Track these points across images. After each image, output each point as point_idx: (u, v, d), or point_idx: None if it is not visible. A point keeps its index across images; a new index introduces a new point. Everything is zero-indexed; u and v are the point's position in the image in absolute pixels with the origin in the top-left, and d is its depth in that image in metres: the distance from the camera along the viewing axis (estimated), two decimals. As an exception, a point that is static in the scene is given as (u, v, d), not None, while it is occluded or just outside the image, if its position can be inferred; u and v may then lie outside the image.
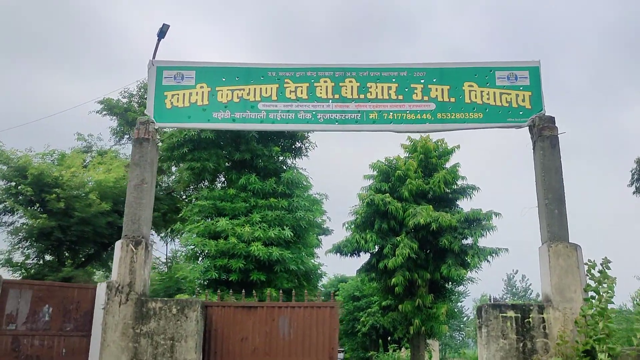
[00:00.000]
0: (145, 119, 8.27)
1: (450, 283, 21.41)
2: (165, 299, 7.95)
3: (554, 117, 8.01)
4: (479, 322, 7.93)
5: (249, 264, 17.26)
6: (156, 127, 8.32)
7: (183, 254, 20.32)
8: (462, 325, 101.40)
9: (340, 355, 48.80)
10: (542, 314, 7.55)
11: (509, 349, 7.46)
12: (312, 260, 23.91)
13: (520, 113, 8.08)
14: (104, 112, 22.92)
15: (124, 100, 23.10)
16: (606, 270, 7.60)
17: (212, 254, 17.70)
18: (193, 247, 18.39)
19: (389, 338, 33.52)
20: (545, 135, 7.89)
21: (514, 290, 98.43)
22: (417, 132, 8.10)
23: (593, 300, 7.55)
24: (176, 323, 7.69)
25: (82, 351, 7.72)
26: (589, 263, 7.72)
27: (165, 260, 32.28)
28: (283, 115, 8.14)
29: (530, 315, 7.55)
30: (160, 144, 22.35)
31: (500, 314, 7.59)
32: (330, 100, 8.18)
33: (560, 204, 7.84)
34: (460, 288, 38.11)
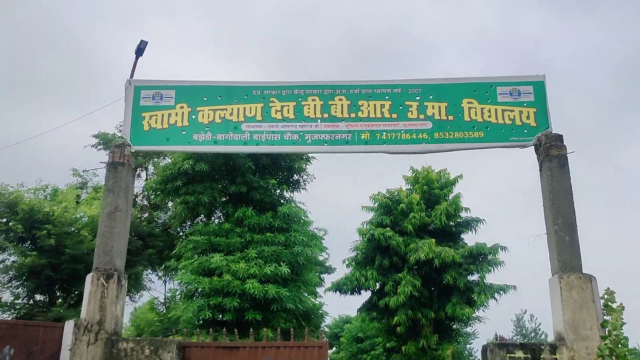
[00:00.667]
0: (120, 142, 7.70)
1: (456, 322, 20.49)
2: (138, 338, 7.22)
3: (561, 135, 7.38)
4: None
5: (244, 303, 16.45)
6: (132, 151, 7.74)
7: (179, 293, 19.51)
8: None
9: (346, 400, 47.23)
10: (555, 354, 6.78)
11: None
12: (313, 300, 23.11)
13: (525, 131, 7.45)
14: (99, 147, 22.46)
15: (119, 134, 22.68)
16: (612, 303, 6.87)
17: (205, 292, 16.92)
18: (187, 285, 17.65)
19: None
20: (552, 154, 7.24)
21: (523, 331, 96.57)
22: (413, 152, 7.44)
23: (610, 338, 6.80)
24: (149, 365, 6.95)
25: (46, 397, 6.96)
26: (606, 295, 6.99)
27: (163, 301, 31.40)
28: (268, 136, 7.55)
29: (542, 356, 6.78)
30: (145, 171, 21.93)
31: (508, 355, 6.81)
32: (319, 120, 7.60)
33: (571, 230, 7.14)
34: (468, 329, 36.92)
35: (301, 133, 7.55)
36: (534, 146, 7.55)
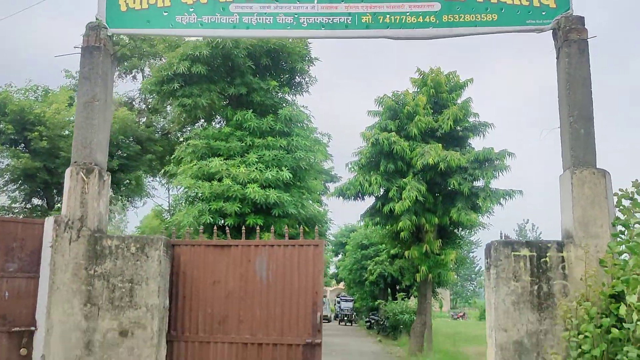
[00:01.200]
0: (95, 24, 7.01)
1: (460, 229, 20.32)
2: (123, 235, 6.86)
3: (583, 17, 6.62)
4: (487, 263, 6.79)
5: (245, 208, 16.24)
6: (109, 34, 7.06)
7: (180, 198, 19.31)
8: (473, 276, 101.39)
9: (350, 305, 48.63)
10: (562, 252, 6.39)
11: (522, 292, 6.34)
12: (317, 207, 22.93)
13: (543, 13, 6.69)
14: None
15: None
16: (638, 197, 6.41)
17: (206, 196, 16.68)
18: (187, 190, 17.41)
19: (397, 287, 32.83)
20: (572, 39, 6.53)
21: (525, 240, 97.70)
22: (419, 38, 6.70)
23: (622, 236, 6.39)
24: (135, 263, 6.64)
25: (29, 294, 6.71)
26: (619, 192, 6.51)
27: (168, 208, 31.47)
28: (259, 19, 6.82)
29: (548, 254, 6.40)
30: (141, 72, 21.01)
31: (513, 253, 6.44)
32: (316, 1, 6.84)
33: (587, 123, 6.56)
34: (472, 237, 37.05)
35: (296, 15, 6.82)
36: (551, 30, 6.81)
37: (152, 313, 6.52)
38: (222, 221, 16.32)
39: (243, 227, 7.30)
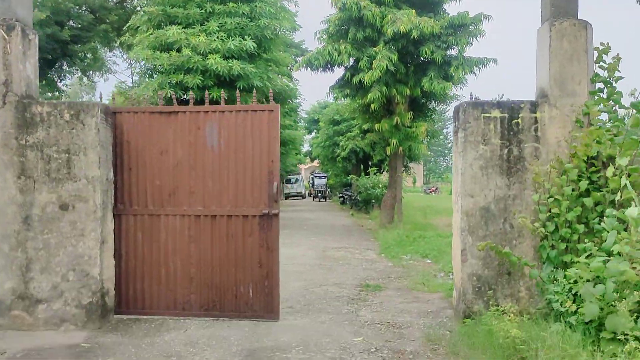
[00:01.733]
0: None
1: (432, 101, 19.84)
2: (55, 101, 6.17)
3: None
4: (455, 126, 6.32)
5: (207, 80, 15.42)
6: None
7: (137, 71, 18.30)
8: (446, 151, 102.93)
9: (323, 181, 49.10)
10: (535, 112, 5.92)
11: (491, 156, 5.93)
12: (287, 81, 22.07)
13: None
14: None
15: None
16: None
17: (165, 68, 15.76)
18: (145, 62, 16.39)
19: (370, 162, 32.83)
20: None
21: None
22: None
23: (602, 95, 5.91)
24: (71, 132, 6.02)
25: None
26: (600, 47, 5.94)
27: (131, 85, 30.25)
28: None
29: (520, 115, 5.93)
30: None
31: (482, 115, 5.95)
32: None
33: (571, -34, 5.85)
34: (444, 107, 36.65)
35: None
36: None
37: (93, 185, 6.00)
38: (184, 95, 15.55)
39: (206, 101, 6.61)
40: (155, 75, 16.40)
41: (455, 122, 6.27)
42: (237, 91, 6.95)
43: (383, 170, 31.87)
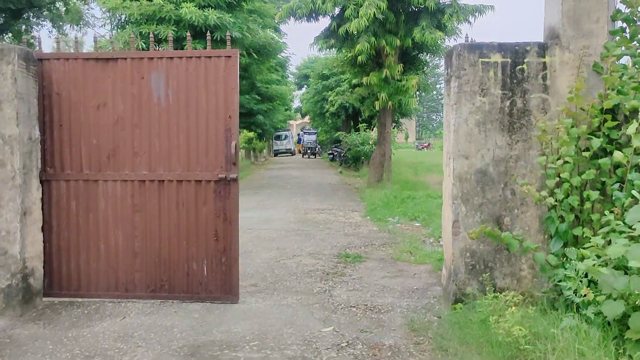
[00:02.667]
0: None
1: (423, 52, 18.68)
2: (-37, 44, 5.08)
3: None
4: (447, 74, 5.30)
5: (182, 31, 14.20)
6: None
7: (108, 22, 16.96)
8: (439, 107, 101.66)
9: (313, 138, 48.00)
10: (544, 57, 4.91)
11: (489, 110, 4.94)
12: (272, 35, 20.77)
13: None
14: None
15: None
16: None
17: (136, 19, 14.52)
18: (114, 12, 15.12)
19: (360, 118, 31.73)
20: None
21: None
22: None
23: (624, 35, 4.89)
24: (-17, 81, 4.97)
25: None
26: (624, -23, 4.91)
27: (111, 47, 28.71)
28: None
29: (526, 60, 4.91)
30: None
31: (481, 60, 4.93)
32: None
33: None
34: (437, 61, 35.34)
35: None
36: None
37: (11, 146, 4.98)
38: (158, 48, 14.34)
39: (151, 45, 5.55)
40: (127, 27, 15.12)
41: (448, 69, 5.25)
42: (188, 33, 5.83)
43: (373, 127, 30.80)
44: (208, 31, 11.26)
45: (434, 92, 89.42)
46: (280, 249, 8.18)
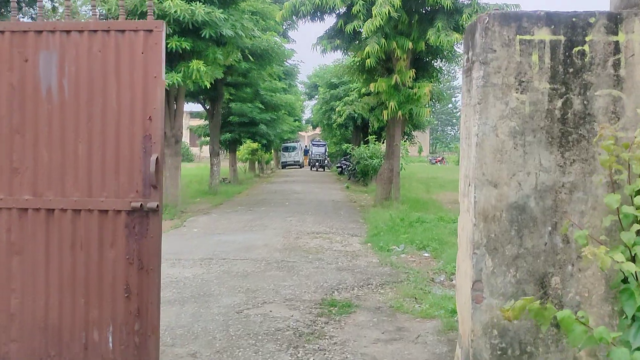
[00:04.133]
0: None
1: (438, 59, 17.03)
2: None
3: None
4: (467, 60, 3.59)
5: (166, 27, 12.64)
6: None
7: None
8: (454, 121, 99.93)
9: (322, 150, 46.37)
10: (616, 33, 3.20)
11: (531, 113, 3.24)
12: (276, 39, 19.23)
13: None
14: None
15: None
16: None
17: (112, 13, 13.01)
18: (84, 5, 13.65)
19: (369, 129, 30.02)
20: None
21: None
22: None
23: None
24: None
25: None
26: None
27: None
28: None
29: (588, 39, 3.22)
30: None
31: (518, 37, 3.25)
32: None
33: None
34: (452, 69, 33.47)
35: None
36: None
37: None
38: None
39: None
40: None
41: (468, 53, 3.55)
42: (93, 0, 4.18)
43: (383, 140, 29.10)
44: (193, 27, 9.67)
45: (450, 105, 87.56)
46: (251, 290, 6.47)
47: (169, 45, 12.61)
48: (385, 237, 10.27)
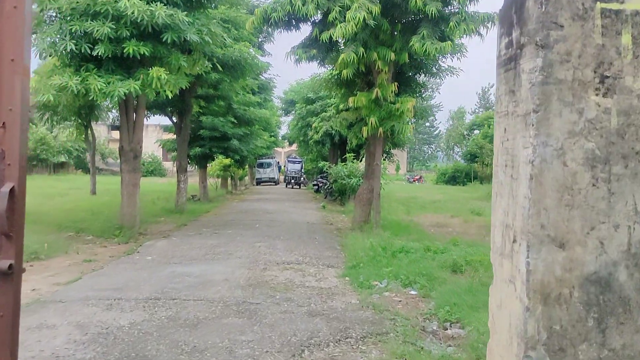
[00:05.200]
0: None
1: (422, 73, 15.92)
2: None
3: None
4: (512, 42, 2.30)
5: (122, 30, 11.27)
6: None
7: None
8: (432, 139, 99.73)
9: (298, 167, 45.10)
10: None
11: (621, 127, 1.92)
12: (245, 48, 17.94)
13: None
14: None
15: None
16: None
17: (63, 13, 11.60)
18: (38, 5, 12.19)
19: (347, 147, 28.84)
20: None
21: (487, 104, 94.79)
22: None
23: None
24: None
25: None
26: None
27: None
28: None
29: None
30: None
31: (600, 4, 2.02)
32: None
33: None
34: (435, 84, 32.57)
35: None
36: None
37: None
38: (90, 50, 11.41)
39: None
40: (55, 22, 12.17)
41: (512, 33, 2.28)
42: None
43: (361, 158, 27.93)
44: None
45: (427, 124, 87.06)
46: (197, 350, 5.08)
47: (125, 50, 11.27)
48: (366, 270, 8.97)
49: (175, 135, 22.76)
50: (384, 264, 9.30)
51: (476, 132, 69.30)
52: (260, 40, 26.80)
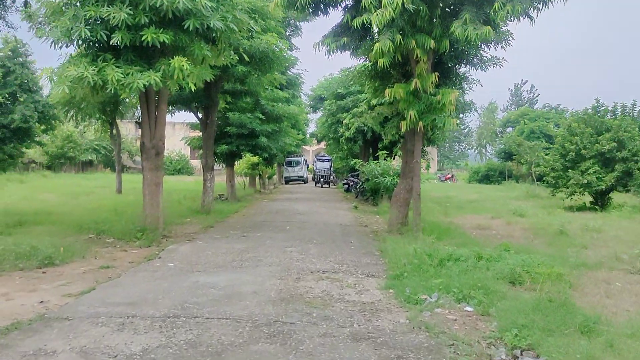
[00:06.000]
0: None
1: (462, 64, 14.77)
2: None
3: None
4: None
5: (140, 16, 10.40)
6: None
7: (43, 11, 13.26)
8: (462, 137, 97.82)
9: (327, 165, 44.12)
10: None
11: None
12: (274, 39, 16.96)
13: None
14: None
15: None
16: None
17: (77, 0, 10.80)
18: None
19: (380, 144, 27.73)
20: None
21: (519, 101, 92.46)
22: None
23: None
24: None
25: None
26: None
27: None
28: None
29: None
30: None
31: None
32: None
33: None
34: (477, 76, 31.30)
35: None
36: None
37: None
38: (107, 38, 10.57)
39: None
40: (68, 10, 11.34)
41: None
42: None
43: (394, 155, 26.79)
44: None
45: (457, 121, 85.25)
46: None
47: (144, 38, 10.41)
48: (412, 281, 7.93)
49: (200, 133, 21.98)
50: (432, 274, 8.25)
51: (509, 129, 67.46)
52: (288, 34, 25.86)
